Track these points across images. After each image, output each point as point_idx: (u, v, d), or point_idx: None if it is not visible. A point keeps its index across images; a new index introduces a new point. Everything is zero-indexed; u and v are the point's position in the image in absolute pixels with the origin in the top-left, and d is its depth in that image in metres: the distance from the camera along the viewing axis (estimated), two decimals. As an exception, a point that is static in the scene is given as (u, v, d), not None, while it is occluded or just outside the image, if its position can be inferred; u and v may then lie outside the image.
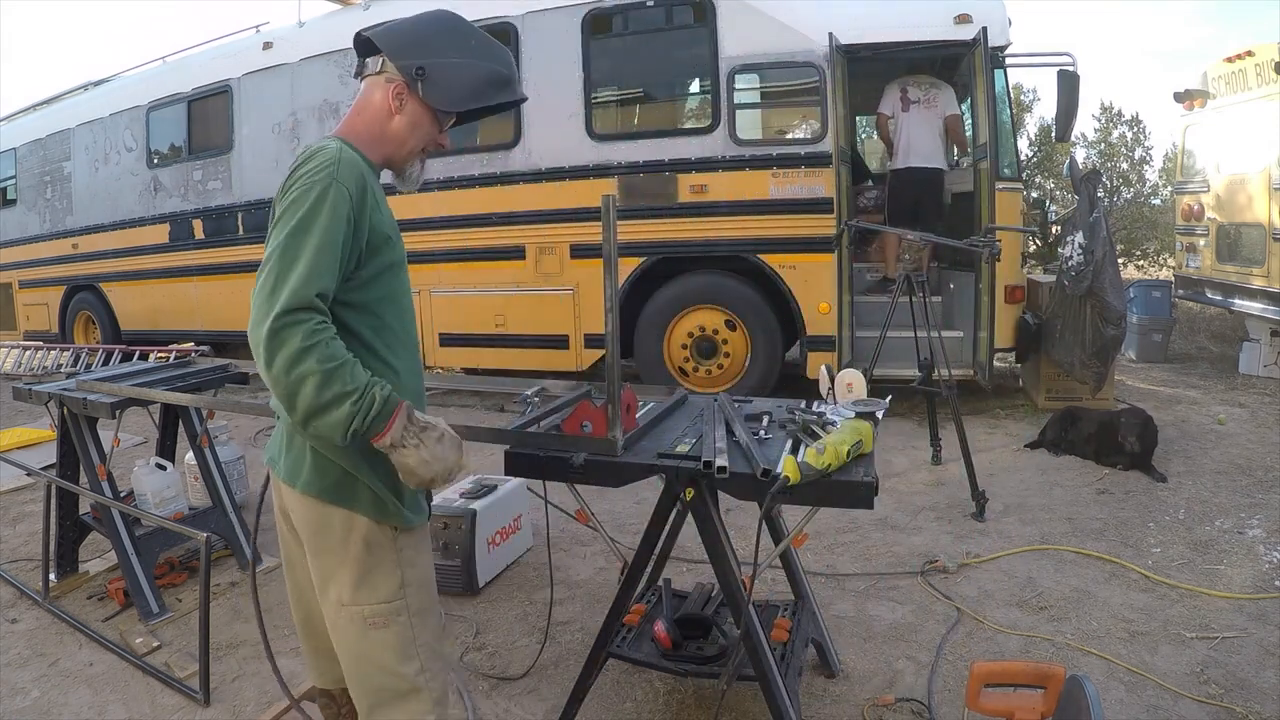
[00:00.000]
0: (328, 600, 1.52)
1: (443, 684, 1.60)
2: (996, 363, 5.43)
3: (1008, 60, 5.27)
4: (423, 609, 1.55)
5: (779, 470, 1.62)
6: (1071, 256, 4.73)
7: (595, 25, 5.46)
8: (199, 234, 7.14)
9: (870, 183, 6.66)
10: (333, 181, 1.35)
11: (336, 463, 1.44)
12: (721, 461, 1.65)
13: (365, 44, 1.51)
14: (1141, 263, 12.34)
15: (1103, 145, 13.11)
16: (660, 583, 2.31)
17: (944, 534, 3.41)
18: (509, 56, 1.59)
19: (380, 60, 1.48)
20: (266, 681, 2.34)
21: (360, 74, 1.52)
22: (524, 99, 1.64)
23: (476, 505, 3.02)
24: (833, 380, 2.07)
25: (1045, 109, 13.65)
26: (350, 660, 1.53)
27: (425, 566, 1.58)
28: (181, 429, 3.32)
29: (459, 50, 1.49)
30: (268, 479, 1.66)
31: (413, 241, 5.92)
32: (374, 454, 1.41)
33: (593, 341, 5.61)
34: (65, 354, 8.05)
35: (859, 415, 1.75)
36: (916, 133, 5.54)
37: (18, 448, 5.14)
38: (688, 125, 5.81)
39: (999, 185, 4.91)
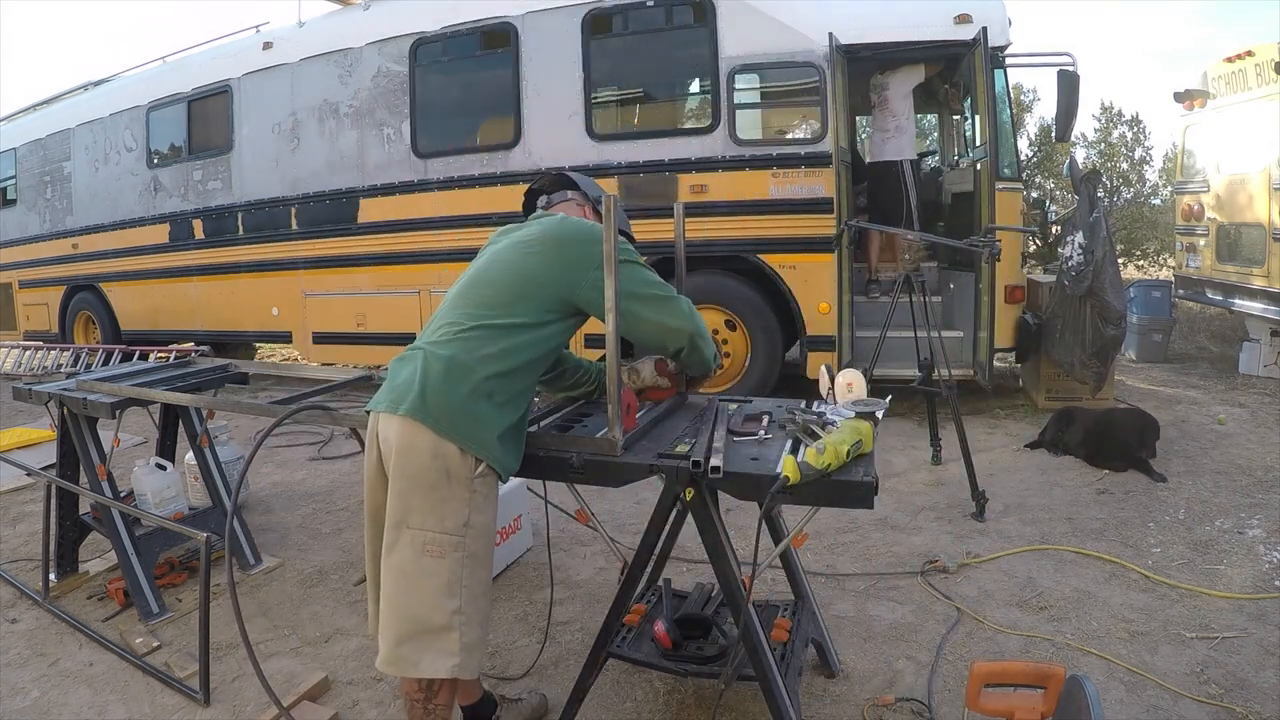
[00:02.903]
0: (394, 523, 1.65)
1: (477, 636, 1.70)
2: (996, 363, 5.43)
3: (1008, 60, 5.27)
4: (477, 555, 1.69)
5: (779, 470, 1.62)
6: (1071, 256, 4.73)
7: (595, 25, 5.46)
8: (199, 234, 7.15)
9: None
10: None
11: (450, 397, 1.65)
12: (716, 461, 1.65)
13: (563, 181, 2.14)
14: (1141, 263, 12.33)
15: (1103, 145, 13.12)
16: (660, 583, 2.31)
17: (944, 534, 3.41)
18: None
19: (568, 193, 2.12)
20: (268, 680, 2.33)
21: (550, 204, 2.11)
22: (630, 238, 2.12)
23: (476, 505, 3.02)
24: (833, 380, 2.07)
25: (1045, 109, 13.68)
26: (395, 582, 1.66)
27: (491, 519, 1.74)
28: (181, 429, 3.32)
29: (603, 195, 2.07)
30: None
31: (413, 242, 6.00)
32: (509, 401, 1.72)
33: (593, 341, 5.61)
34: (65, 354, 8.05)
35: (859, 415, 1.75)
36: (874, 130, 5.79)
37: (18, 448, 5.14)
38: (688, 125, 5.81)
39: (999, 185, 4.91)
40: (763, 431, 1.93)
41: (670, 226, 2.49)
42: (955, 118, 6.55)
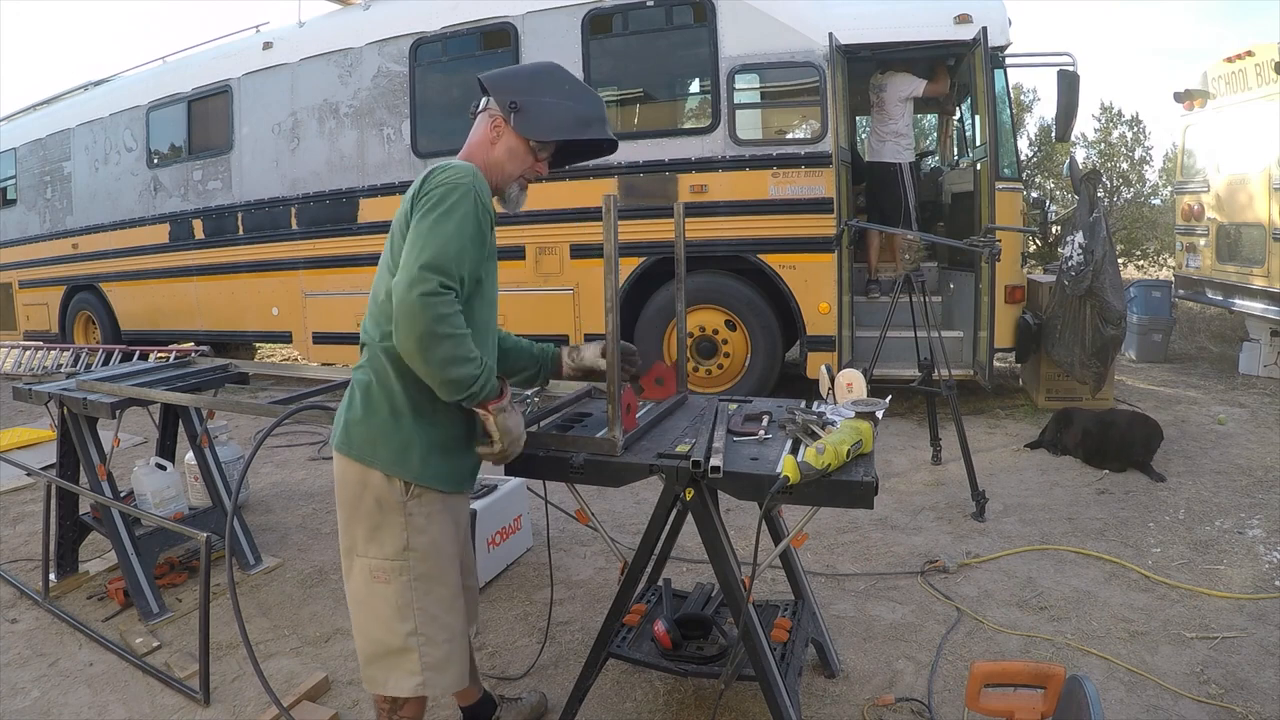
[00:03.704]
0: (344, 550, 1.68)
1: (444, 654, 1.67)
2: (996, 363, 5.43)
3: (1008, 60, 5.28)
4: (427, 576, 1.65)
5: (779, 470, 1.62)
6: (1071, 256, 4.73)
7: (595, 25, 5.46)
8: (199, 234, 7.15)
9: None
10: (471, 189, 1.56)
11: (366, 424, 1.62)
12: (716, 461, 1.65)
13: (480, 86, 1.76)
14: (1141, 263, 12.34)
15: (1103, 145, 13.11)
16: (660, 583, 2.31)
17: (944, 534, 3.41)
18: (600, 102, 1.78)
19: (487, 99, 1.73)
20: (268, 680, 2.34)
21: (474, 110, 1.76)
22: (613, 142, 1.81)
23: (476, 505, 3.02)
24: (833, 380, 2.07)
25: (1045, 109, 13.70)
26: (354, 607, 1.69)
27: (437, 536, 1.67)
28: (181, 429, 3.32)
29: (552, 92, 1.72)
30: None
31: (413, 241, 5.99)
32: (419, 415, 1.61)
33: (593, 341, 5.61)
34: (65, 354, 8.05)
35: (859, 415, 1.75)
36: (871, 132, 5.84)
37: (18, 448, 5.14)
38: (688, 125, 5.81)
39: (999, 185, 4.91)
40: (763, 431, 1.93)
41: (670, 226, 2.48)
42: (955, 119, 6.56)
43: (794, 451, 1.74)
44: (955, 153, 6.60)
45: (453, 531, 1.72)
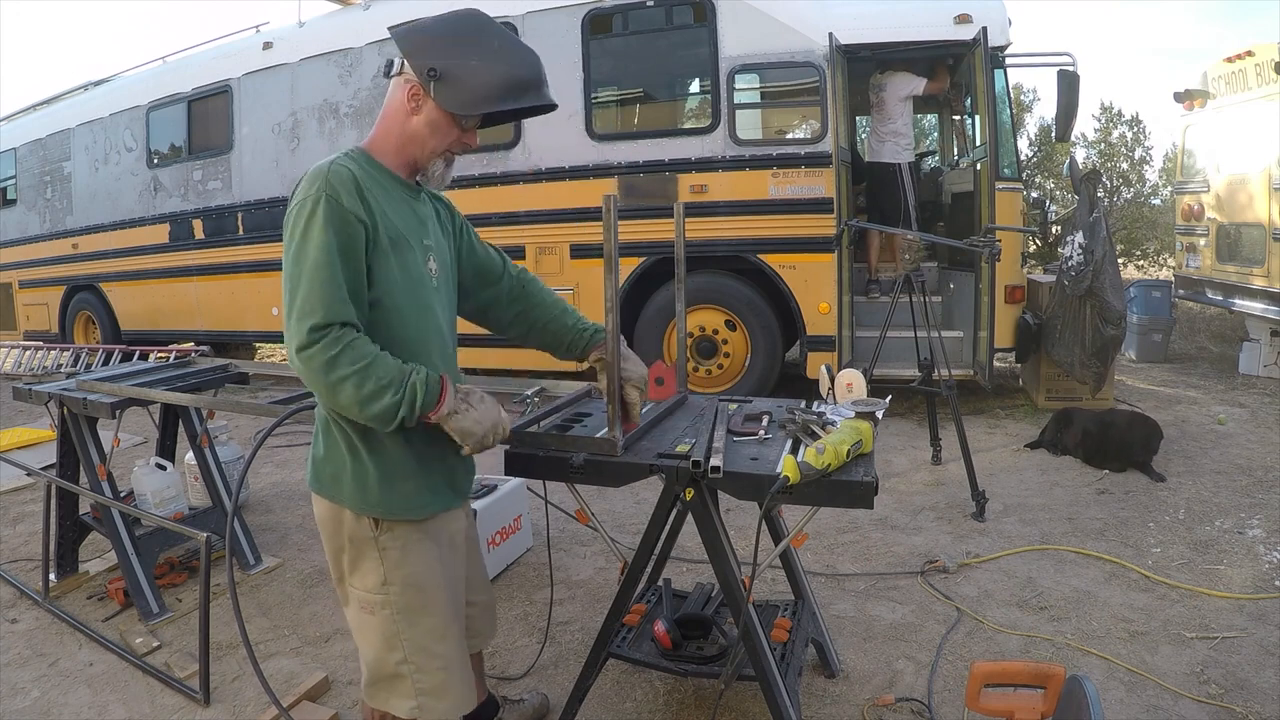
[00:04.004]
0: (337, 580, 1.66)
1: (439, 681, 1.62)
2: (996, 363, 5.43)
3: (1008, 60, 5.28)
4: (409, 608, 1.59)
5: (779, 470, 1.62)
6: (1071, 256, 4.73)
7: (595, 25, 5.46)
8: (199, 234, 7.15)
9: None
10: (322, 196, 1.40)
11: (328, 461, 1.57)
12: (716, 461, 1.65)
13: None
14: (1141, 263, 12.34)
15: (1103, 145, 13.11)
16: (660, 583, 2.31)
17: (944, 534, 3.41)
18: (535, 61, 1.55)
19: (401, 60, 1.51)
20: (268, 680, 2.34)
21: (388, 73, 1.54)
22: (551, 105, 1.59)
23: (476, 505, 3.02)
24: (833, 380, 2.07)
25: (1045, 109, 13.69)
26: (354, 632, 1.70)
27: (416, 567, 1.59)
28: (181, 429, 3.32)
29: (478, 53, 1.48)
30: None
31: (413, 241, 5.99)
32: (370, 445, 1.53)
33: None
34: (65, 354, 8.06)
35: (859, 415, 1.75)
36: (871, 132, 5.87)
37: (18, 448, 5.14)
38: (688, 125, 5.81)
39: (999, 185, 4.91)
40: (763, 431, 1.92)
41: (670, 226, 2.48)
42: (955, 118, 6.56)
43: (794, 451, 1.74)
44: (955, 153, 6.60)
45: (435, 559, 1.61)
